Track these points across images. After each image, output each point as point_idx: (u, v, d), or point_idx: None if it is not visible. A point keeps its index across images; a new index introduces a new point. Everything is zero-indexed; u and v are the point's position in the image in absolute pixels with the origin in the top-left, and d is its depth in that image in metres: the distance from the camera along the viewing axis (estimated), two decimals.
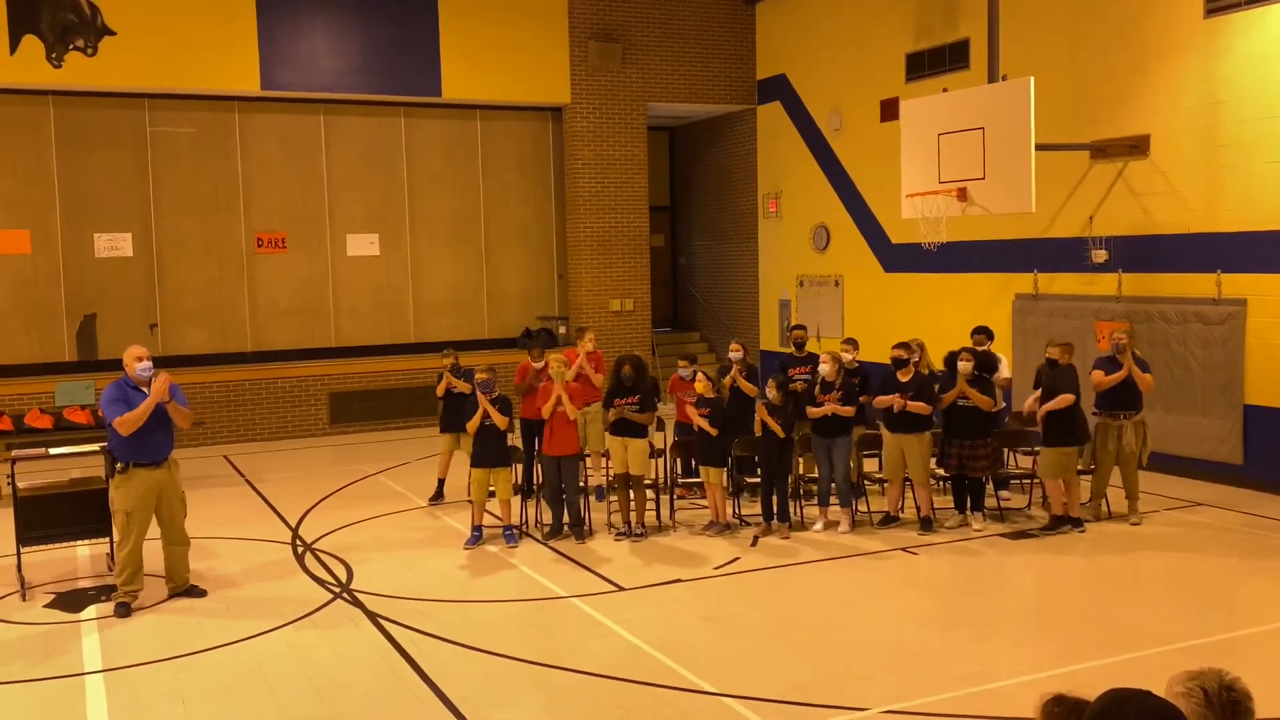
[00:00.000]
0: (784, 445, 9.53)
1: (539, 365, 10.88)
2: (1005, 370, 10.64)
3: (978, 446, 9.52)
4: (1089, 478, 10.14)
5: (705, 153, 19.65)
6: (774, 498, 9.62)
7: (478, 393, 9.42)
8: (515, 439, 10.12)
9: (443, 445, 11.13)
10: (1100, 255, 12.17)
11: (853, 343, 10.69)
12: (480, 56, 16.40)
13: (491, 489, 9.53)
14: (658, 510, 10.12)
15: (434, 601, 8.01)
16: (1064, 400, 9.33)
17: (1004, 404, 10.34)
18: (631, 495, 9.69)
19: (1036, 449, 10.10)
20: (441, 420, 11.08)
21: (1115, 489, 10.03)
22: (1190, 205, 11.37)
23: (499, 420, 9.38)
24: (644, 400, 9.62)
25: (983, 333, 10.70)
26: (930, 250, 12.99)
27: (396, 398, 15.89)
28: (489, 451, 9.43)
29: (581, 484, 10.22)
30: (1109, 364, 9.71)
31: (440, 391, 10.83)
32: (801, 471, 10.62)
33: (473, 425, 9.43)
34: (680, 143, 20.43)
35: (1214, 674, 2.75)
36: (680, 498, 10.81)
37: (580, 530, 9.57)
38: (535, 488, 10.43)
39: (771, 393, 9.54)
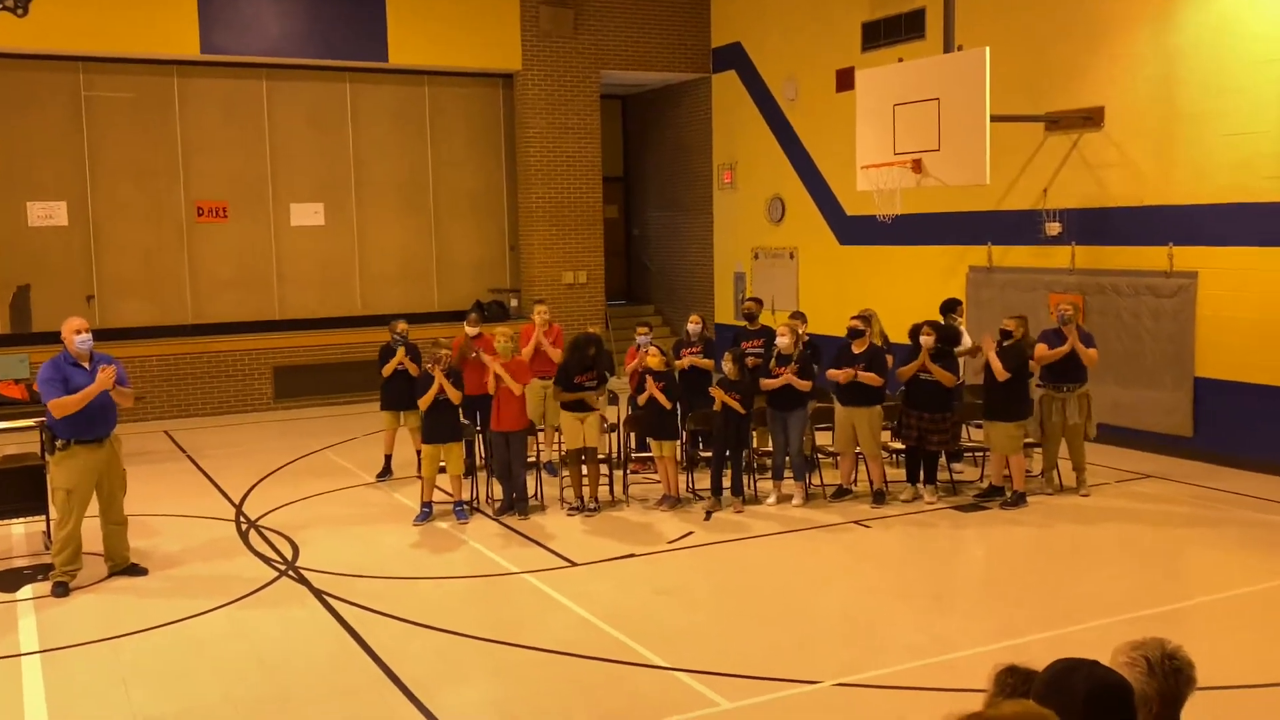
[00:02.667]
0: (741, 421, 9.57)
1: (473, 333, 10.82)
2: (967, 341, 10.76)
3: (938, 420, 9.63)
4: (1038, 450, 10.31)
5: (659, 122, 19.58)
6: (726, 472, 9.66)
7: (433, 366, 9.34)
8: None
9: (385, 422, 11.06)
10: (1054, 228, 12.31)
11: (801, 317, 10.74)
12: (428, 21, 16.18)
13: (442, 464, 9.49)
14: (610, 485, 10.13)
15: (383, 579, 7.98)
16: (999, 373, 9.42)
17: (962, 379, 10.46)
18: (584, 470, 9.69)
19: (979, 422, 10.23)
20: (383, 398, 10.98)
21: (1065, 461, 10.20)
22: (1144, 177, 11.53)
23: (453, 395, 9.32)
24: (599, 376, 9.62)
25: (952, 308, 10.77)
26: (885, 222, 13.06)
27: (343, 372, 15.76)
28: (441, 427, 9.38)
29: (532, 459, 10.21)
30: (1054, 337, 9.85)
31: (388, 371, 10.74)
32: (756, 445, 10.68)
33: (426, 400, 9.37)
34: (634, 111, 20.33)
35: (1156, 643, 2.82)
36: (634, 472, 10.83)
37: (524, 506, 9.58)
38: (483, 463, 10.39)
39: (728, 366, 9.57)
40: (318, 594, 7.64)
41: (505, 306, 17.41)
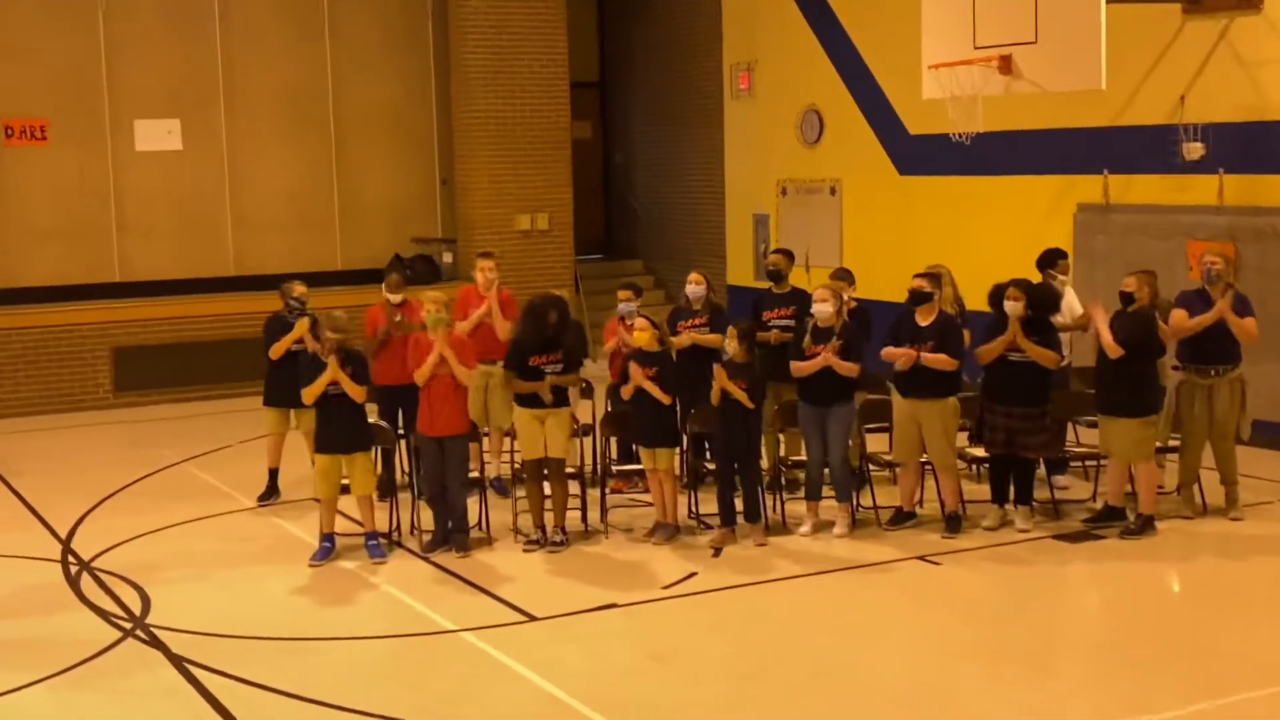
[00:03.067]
0: (750, 419, 9.58)
1: (397, 301, 10.76)
2: (1075, 308, 10.73)
3: (1033, 417, 9.64)
4: (1173, 456, 10.34)
5: (649, 10, 19.47)
6: (738, 492, 9.69)
7: (321, 348, 9.31)
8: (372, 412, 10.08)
9: (268, 423, 11.04)
10: (1195, 150, 12.31)
11: (847, 276, 10.72)
12: None
13: (345, 482, 9.48)
14: (584, 509, 10.14)
15: (267, 640, 7.93)
16: (1111, 349, 9.46)
17: (1067, 358, 10.47)
18: (548, 489, 9.70)
19: (1091, 419, 10.26)
20: (267, 388, 10.95)
21: (1209, 471, 10.25)
22: None
23: (353, 391, 9.31)
24: (569, 358, 9.61)
25: (1053, 262, 10.77)
26: (962, 144, 13.05)
27: (209, 355, 15.68)
28: (338, 431, 9.37)
29: (474, 474, 10.21)
30: (1196, 301, 9.86)
31: (279, 351, 10.71)
32: (784, 453, 10.70)
33: (312, 392, 9.35)
34: None
35: None
36: (616, 491, 10.83)
37: (464, 539, 9.59)
38: (406, 481, 10.40)
39: (731, 346, 9.57)
40: (176, 661, 7.61)
41: (436, 263, 17.32)
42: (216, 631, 8.08)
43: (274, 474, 11.14)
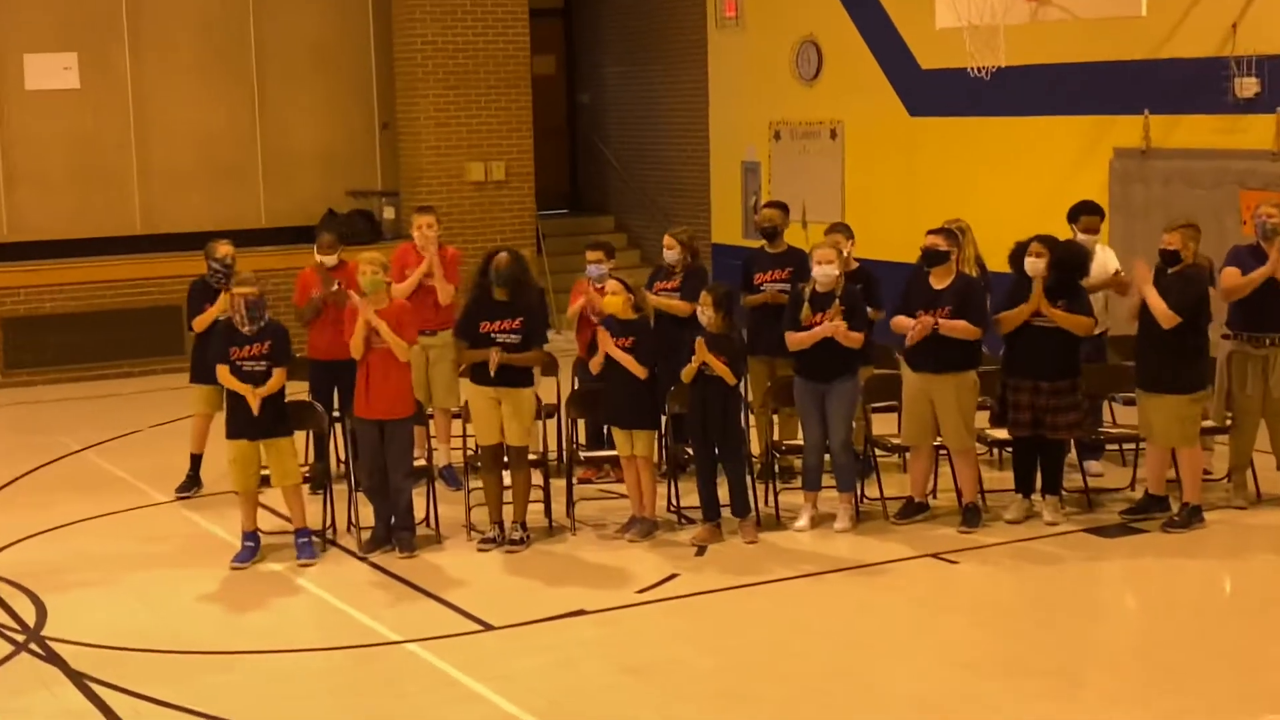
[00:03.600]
0: (730, 397, 9.58)
1: (331, 263, 10.71)
2: (1110, 267, 10.75)
3: (1062, 392, 9.67)
4: (1223, 437, 10.39)
5: None
6: (722, 480, 9.70)
7: (243, 321, 9.27)
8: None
9: (195, 403, 10.99)
10: (1249, 86, 12.35)
11: (845, 230, 10.71)
12: None
13: (265, 472, 9.46)
14: (547, 502, 10.15)
15: (180, 654, 7.92)
16: (1165, 318, 9.49)
17: (1105, 328, 10.50)
18: (507, 479, 9.70)
19: (1129, 395, 10.30)
20: (194, 364, 10.91)
21: (1264, 455, 10.31)
22: None
23: (271, 384, 9.28)
24: (528, 326, 9.59)
25: (1091, 212, 10.82)
26: (981, 80, 13.07)
27: (113, 326, 15.63)
28: (251, 413, 9.33)
29: (420, 462, 10.18)
30: (1250, 258, 9.89)
31: (204, 323, 10.67)
32: (778, 437, 10.72)
33: (227, 375, 9.30)
34: None
35: None
36: (584, 481, 10.84)
37: (408, 536, 9.58)
38: (343, 470, 10.39)
39: (707, 314, 9.55)
40: (75, 678, 7.59)
41: (376, 219, 17.26)
42: (122, 645, 8.05)
43: (196, 461, 11.13)
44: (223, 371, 9.35)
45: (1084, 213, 10.85)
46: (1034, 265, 9.59)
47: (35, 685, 7.55)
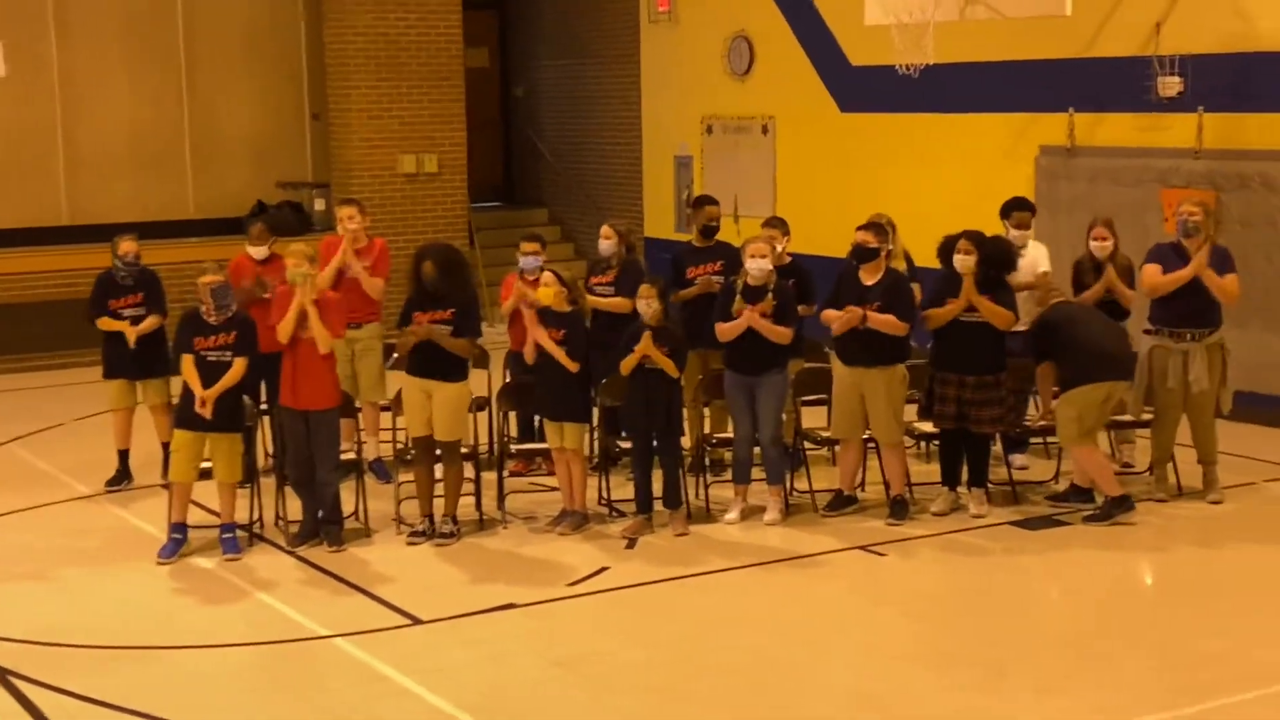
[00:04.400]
0: (672, 390, 9.58)
1: (261, 256, 10.61)
2: (1043, 261, 10.84)
3: (988, 386, 9.74)
4: (1146, 431, 10.48)
5: None
6: (657, 473, 9.71)
7: (212, 309, 9.22)
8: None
9: (111, 398, 10.92)
10: (1172, 85, 12.45)
11: (781, 225, 10.73)
12: None
13: (205, 465, 9.40)
14: (478, 495, 10.11)
15: (104, 649, 7.87)
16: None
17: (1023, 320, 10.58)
18: (438, 472, 9.67)
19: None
20: (106, 361, 10.82)
21: (1185, 448, 10.42)
22: None
23: (232, 374, 9.20)
24: (461, 317, 9.55)
25: (1023, 208, 10.89)
26: (910, 77, 13.10)
27: (39, 318, 15.48)
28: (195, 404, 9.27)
29: (350, 455, 10.12)
30: (1171, 255, 9.99)
31: (109, 326, 10.62)
32: (708, 430, 10.72)
33: (190, 367, 9.21)
34: None
35: None
36: (515, 474, 10.81)
37: (336, 530, 9.54)
38: (270, 462, 10.34)
39: (650, 306, 9.54)
40: (0, 675, 7.51)
41: (306, 211, 17.16)
42: (46, 640, 7.99)
43: (124, 455, 11.06)
44: (186, 362, 9.24)
45: (1016, 209, 10.92)
46: (963, 262, 9.65)
47: None
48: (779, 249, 10.29)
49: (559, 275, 9.85)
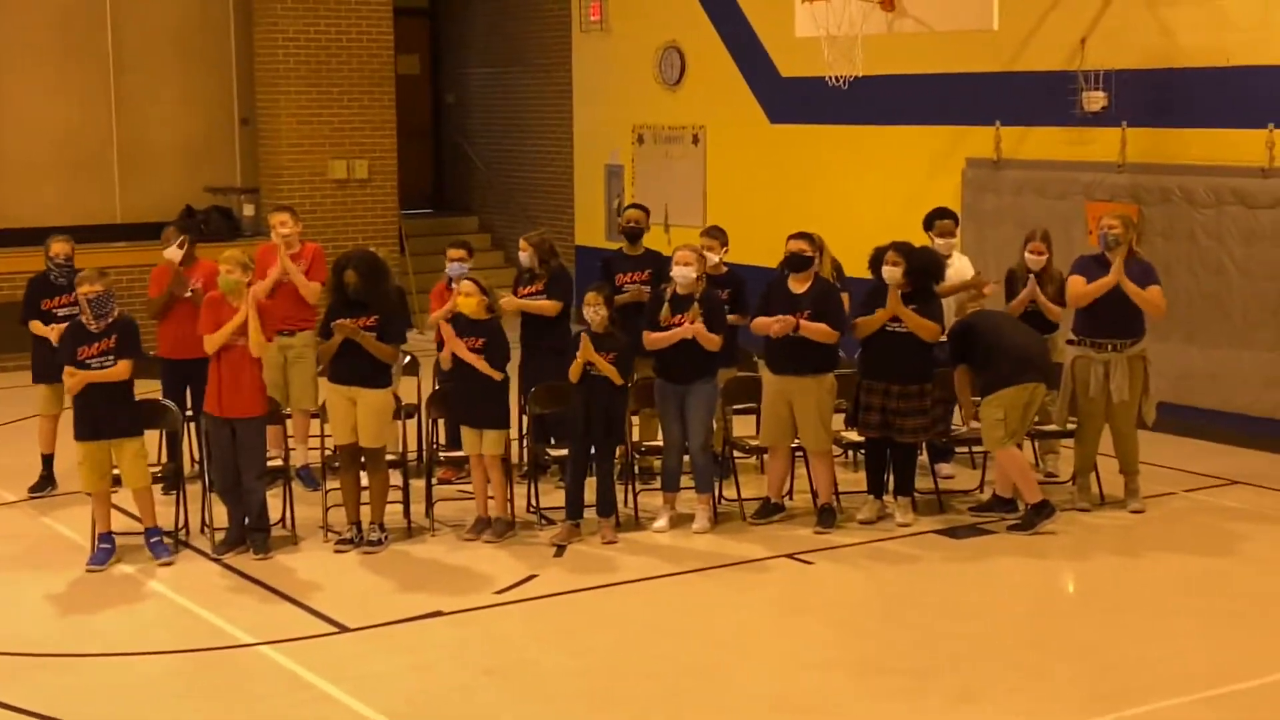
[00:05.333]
0: (614, 398, 9.58)
1: (176, 259, 10.49)
2: (968, 270, 10.91)
3: (912, 396, 9.79)
4: (1070, 441, 10.58)
5: None
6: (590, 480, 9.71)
7: (89, 317, 9.08)
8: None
9: (40, 402, 10.82)
10: (1096, 100, 12.58)
11: (720, 235, 10.75)
12: None
13: (117, 471, 9.31)
14: (406, 503, 10.07)
15: (24, 656, 7.80)
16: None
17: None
18: (364, 480, 9.62)
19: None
20: (35, 364, 10.73)
21: (1108, 458, 10.51)
22: (1233, 23, 11.83)
23: (117, 371, 9.10)
24: (385, 323, 9.50)
25: (945, 217, 10.96)
26: (839, 89, 13.15)
27: None
28: (99, 413, 9.17)
29: (277, 462, 10.06)
30: (1094, 266, 10.09)
31: (40, 330, 10.51)
32: (637, 438, 10.72)
33: (75, 380, 9.10)
34: None
35: None
36: (444, 481, 10.76)
37: (263, 538, 9.49)
38: (195, 469, 10.24)
39: (597, 312, 9.53)
40: None
41: (234, 216, 17.03)
42: None
43: (48, 461, 10.97)
44: (69, 374, 9.12)
45: (938, 218, 11.00)
46: (891, 273, 9.70)
47: None
48: (716, 259, 10.32)
49: (479, 283, 9.80)
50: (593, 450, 9.68)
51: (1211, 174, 11.97)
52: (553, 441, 10.56)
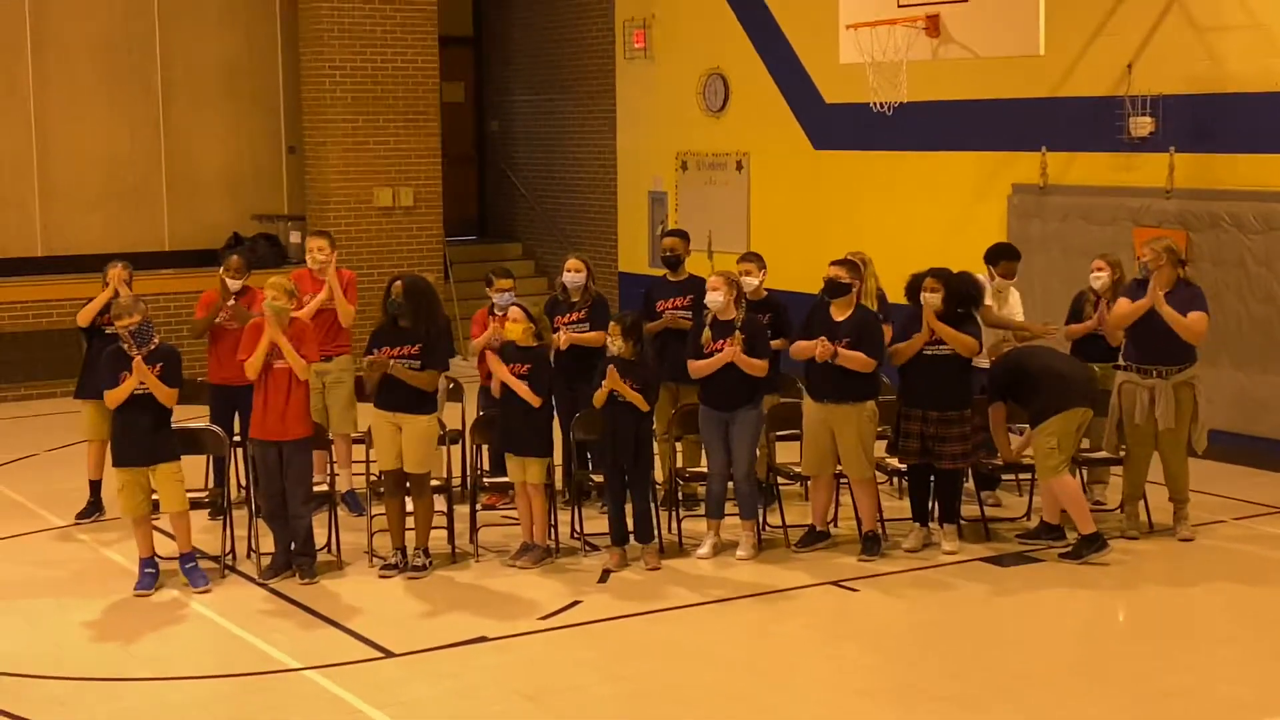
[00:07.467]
0: (641, 423, 9.61)
1: (235, 287, 10.63)
2: (1017, 309, 10.92)
3: (952, 422, 9.78)
4: (1118, 469, 10.54)
5: None
6: (629, 507, 9.72)
7: (129, 346, 9.15)
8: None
9: (86, 423, 10.82)
10: (1143, 125, 12.56)
11: (757, 260, 10.78)
12: None
13: (156, 496, 9.36)
14: (450, 528, 10.10)
15: (68, 680, 7.84)
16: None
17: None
18: (409, 505, 9.66)
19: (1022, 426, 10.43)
20: (83, 376, 10.77)
21: (1158, 485, 10.45)
22: None
23: (161, 394, 9.16)
24: (428, 351, 9.56)
25: (1011, 258, 10.97)
26: (884, 115, 13.19)
27: (14, 349, 15.45)
28: (136, 439, 9.24)
29: (323, 487, 10.12)
30: (1138, 292, 10.06)
31: (86, 318, 10.56)
32: (681, 464, 10.73)
33: (116, 396, 9.17)
34: None
35: None
36: (488, 507, 10.79)
37: (308, 562, 9.53)
38: (242, 494, 10.30)
39: (616, 344, 9.58)
40: None
41: (281, 244, 17.15)
42: (10, 670, 7.95)
43: (95, 487, 11.00)
44: (112, 397, 9.19)
45: (1005, 257, 11.02)
46: (930, 299, 9.71)
47: None
48: (756, 283, 10.34)
49: (527, 311, 9.87)
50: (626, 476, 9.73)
51: (1261, 199, 11.92)
52: (594, 467, 10.59)
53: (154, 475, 9.27)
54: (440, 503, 10.00)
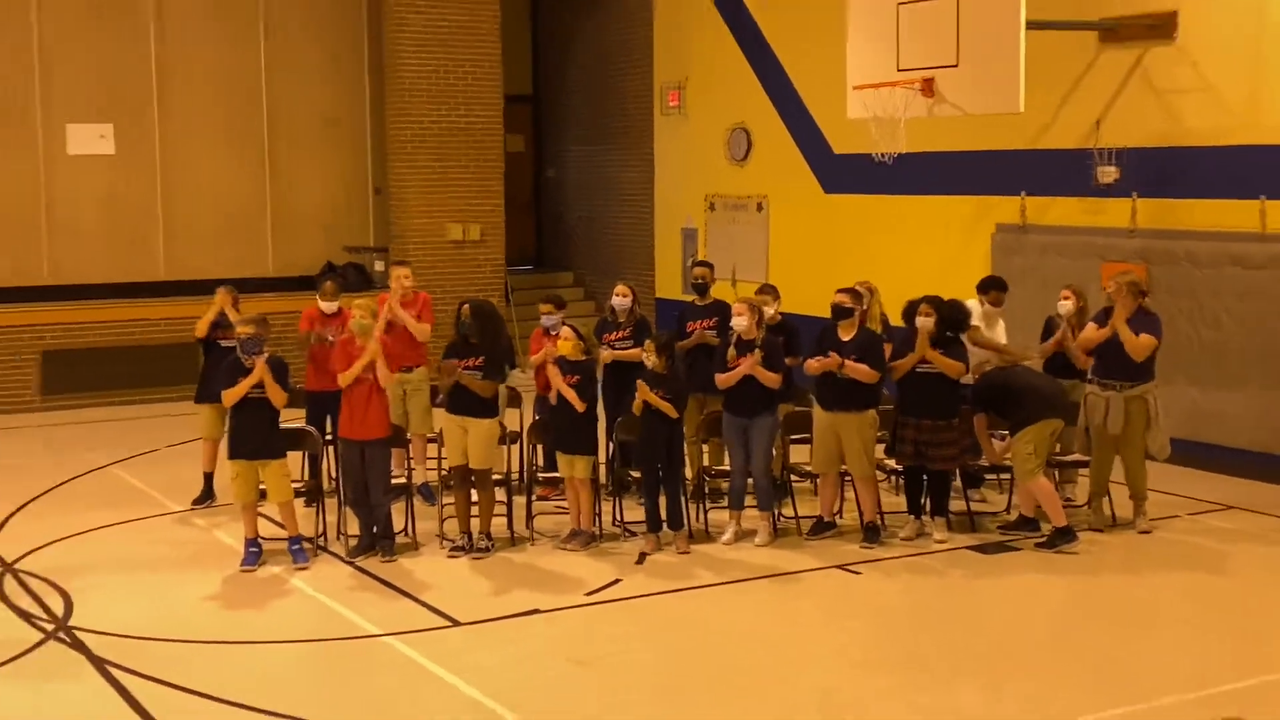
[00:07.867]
0: (673, 428, 9.64)
1: (331, 311, 10.74)
2: (1001, 333, 10.91)
3: (940, 429, 9.78)
4: (1087, 470, 10.50)
5: (583, 24, 19.51)
6: (663, 499, 9.74)
7: (241, 353, 9.24)
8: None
9: (203, 423, 10.91)
10: (1109, 174, 12.52)
11: (772, 291, 10.82)
12: None
13: (263, 486, 9.45)
14: (509, 516, 10.14)
15: (190, 643, 7.92)
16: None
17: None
18: (473, 495, 9.70)
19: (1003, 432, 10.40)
20: (201, 383, 10.86)
21: (1122, 485, 10.39)
22: (1229, 107, 11.77)
23: (275, 395, 9.25)
24: (490, 363, 9.62)
25: (1001, 289, 10.98)
26: (885, 164, 13.19)
27: (138, 359, 15.53)
28: (249, 436, 9.34)
29: (402, 480, 10.17)
30: (1105, 319, 10.06)
31: (203, 329, 10.67)
32: (707, 463, 10.75)
33: (233, 395, 9.28)
34: (548, 10, 20.24)
35: None
36: (542, 498, 10.84)
37: (388, 544, 9.60)
38: (332, 485, 10.36)
39: (650, 359, 9.62)
40: (98, 664, 7.55)
41: (367, 271, 17.26)
42: (138, 634, 8.02)
43: (208, 478, 11.08)
44: (232, 394, 9.30)
45: (995, 288, 11.03)
46: (923, 323, 9.72)
47: (62, 670, 7.52)
48: (771, 311, 10.38)
49: (576, 329, 9.95)
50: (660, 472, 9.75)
51: (1212, 239, 11.87)
52: (632, 464, 10.62)
53: (264, 470, 9.35)
54: (501, 494, 10.06)
